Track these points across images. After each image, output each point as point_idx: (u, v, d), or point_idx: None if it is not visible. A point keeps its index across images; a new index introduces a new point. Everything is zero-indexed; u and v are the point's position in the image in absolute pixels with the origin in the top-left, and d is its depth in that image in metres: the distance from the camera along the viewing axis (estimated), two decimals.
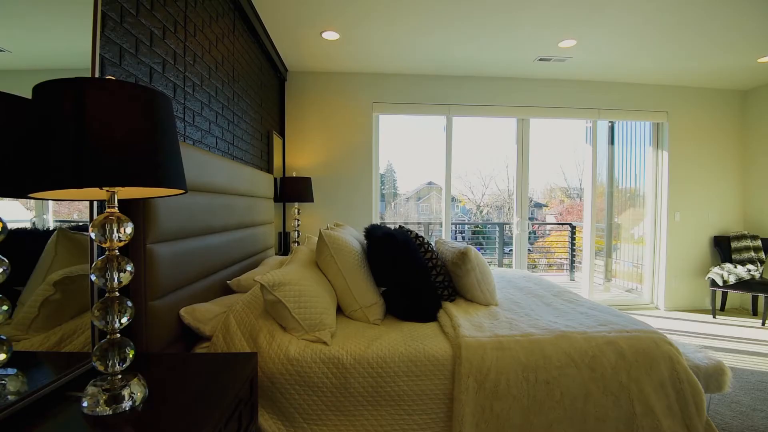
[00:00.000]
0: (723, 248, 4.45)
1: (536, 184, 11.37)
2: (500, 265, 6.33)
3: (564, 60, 3.74)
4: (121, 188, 0.89)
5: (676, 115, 4.53)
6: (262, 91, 3.24)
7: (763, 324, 3.98)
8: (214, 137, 2.20)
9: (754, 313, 4.31)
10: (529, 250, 7.74)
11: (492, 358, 1.41)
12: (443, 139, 4.29)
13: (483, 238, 7.69)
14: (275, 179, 3.51)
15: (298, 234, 3.58)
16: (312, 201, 3.65)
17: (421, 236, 2.02)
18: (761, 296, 4.10)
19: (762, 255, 4.20)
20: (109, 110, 0.79)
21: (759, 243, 4.24)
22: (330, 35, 3.13)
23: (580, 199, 4.72)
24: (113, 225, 0.87)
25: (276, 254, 3.44)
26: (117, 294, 0.89)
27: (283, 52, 3.50)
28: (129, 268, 0.90)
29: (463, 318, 1.66)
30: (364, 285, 1.70)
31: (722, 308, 4.49)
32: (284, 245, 3.77)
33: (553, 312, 1.86)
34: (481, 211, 11.63)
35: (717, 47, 3.42)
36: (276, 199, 3.48)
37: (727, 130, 4.64)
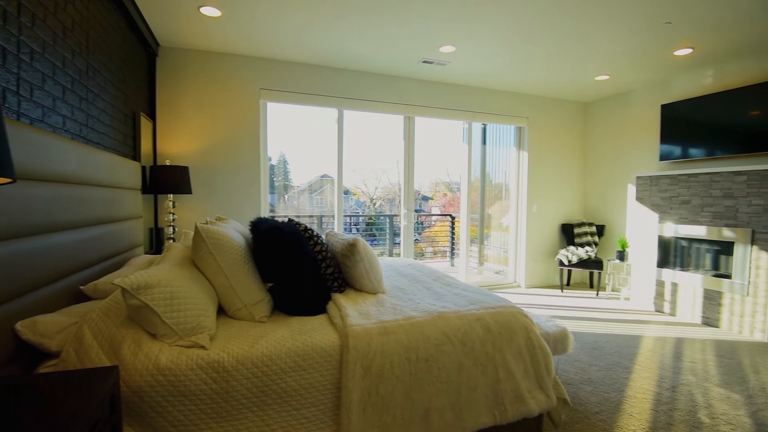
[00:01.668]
0: (568, 234, 5.34)
1: (423, 179, 12.13)
2: (390, 254, 6.63)
3: (445, 64, 4.04)
4: None
5: (534, 120, 5.25)
6: (126, 66, 2.83)
7: (597, 295, 4.89)
8: (60, 116, 1.85)
9: (591, 286, 5.28)
10: (416, 239, 8.25)
11: (377, 343, 1.47)
12: (336, 132, 4.29)
13: (376, 229, 7.94)
14: (144, 168, 3.11)
15: (174, 230, 3.24)
16: (190, 193, 3.33)
17: (311, 229, 2.00)
18: (595, 272, 5.03)
19: (596, 238, 5.15)
20: None
21: (594, 229, 5.18)
22: (210, 11, 2.87)
23: (460, 193, 5.19)
24: None
25: (146, 253, 3.07)
26: None
27: (153, 24, 3.10)
28: None
29: (351, 308, 1.70)
30: (249, 282, 1.62)
31: (568, 283, 5.40)
32: (157, 243, 3.37)
33: (432, 295, 2.01)
34: (374, 204, 11.98)
35: (566, 66, 4.06)
36: (145, 190, 3.10)
37: (573, 136, 5.56)
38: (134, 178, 2.63)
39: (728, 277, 3.62)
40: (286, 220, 2.05)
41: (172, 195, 3.28)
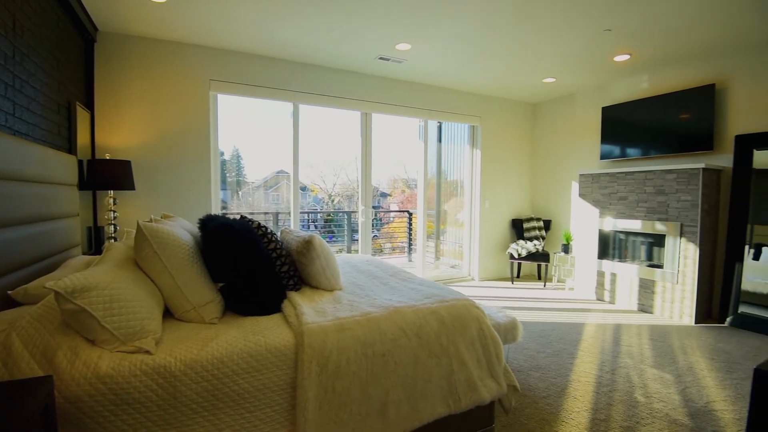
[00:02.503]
0: (518, 228, 5.58)
1: (382, 175, 12.18)
2: (349, 251, 6.61)
3: (401, 62, 4.07)
4: None
5: (486, 119, 5.43)
6: (60, 51, 2.60)
7: (545, 286, 5.16)
8: None
9: (539, 278, 5.56)
10: (375, 236, 8.29)
11: (334, 341, 1.46)
12: (291, 126, 4.20)
13: (335, 226, 7.88)
14: (81, 162, 2.89)
15: (115, 228, 3.04)
16: (133, 189, 3.13)
17: (264, 226, 1.95)
18: (543, 264, 5.30)
19: (544, 233, 5.42)
20: None
21: (542, 224, 5.45)
22: None
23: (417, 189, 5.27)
24: None
25: (84, 254, 2.86)
26: None
27: (91, 8, 2.87)
28: None
29: (307, 306, 1.68)
30: (198, 282, 1.55)
31: (518, 275, 5.65)
32: (96, 243, 3.15)
33: (389, 291, 2.04)
34: (333, 200, 11.88)
35: (515, 68, 4.23)
36: (83, 186, 2.88)
37: (523, 135, 5.80)
38: (69, 172, 2.44)
39: (660, 267, 3.94)
40: (238, 217, 1.99)
41: (112, 191, 3.07)
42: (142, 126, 3.44)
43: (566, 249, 4.99)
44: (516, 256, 5.12)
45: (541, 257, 5.07)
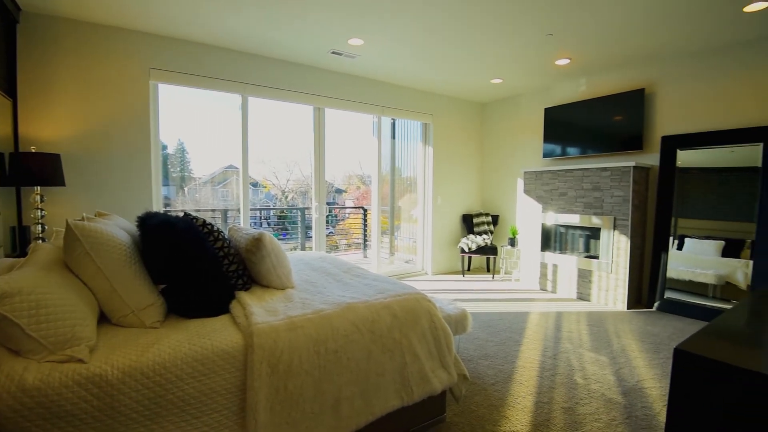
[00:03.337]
0: (468, 223, 5.77)
1: (337, 171, 12.08)
2: (303, 248, 6.51)
3: (354, 57, 4.05)
4: None
5: (438, 117, 5.55)
6: None
7: (493, 278, 5.38)
8: None
9: (488, 270, 5.79)
10: (331, 232, 8.22)
11: (285, 340, 1.44)
12: (240, 119, 4.05)
13: (289, 223, 7.71)
14: (2, 155, 2.62)
15: (43, 228, 2.78)
16: (63, 185, 2.89)
17: (210, 223, 1.87)
18: (491, 257, 5.52)
19: (492, 227, 5.65)
20: None
21: (490, 218, 5.68)
22: None
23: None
24: None
25: (8, 256, 2.60)
26: None
27: None
28: None
29: (257, 305, 1.64)
30: (136, 284, 1.46)
31: (469, 268, 5.85)
32: (21, 244, 2.87)
33: (342, 287, 2.03)
34: (286, 197, 11.61)
35: (465, 68, 4.35)
36: (4, 181, 2.62)
37: (472, 133, 5.99)
38: None
39: (596, 258, 4.25)
40: (181, 214, 1.89)
41: (39, 188, 2.81)
42: (73, 116, 3.17)
43: (512, 242, 5.23)
44: (466, 250, 5.29)
45: (489, 251, 5.28)
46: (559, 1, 2.83)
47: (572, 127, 4.71)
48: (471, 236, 5.41)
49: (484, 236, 5.39)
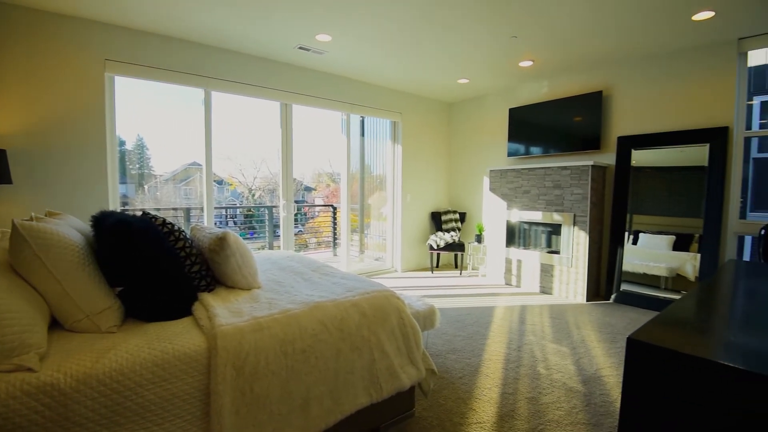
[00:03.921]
0: (436, 221, 5.85)
1: (306, 169, 11.92)
2: (271, 247, 6.38)
3: (322, 53, 4.00)
4: None
5: (407, 116, 5.58)
6: None
7: (461, 274, 5.48)
8: None
9: (456, 267, 5.89)
10: (300, 231, 8.10)
11: (251, 341, 1.41)
12: (203, 115, 3.92)
13: (256, 222, 7.53)
14: None
15: None
16: (9, 182, 2.70)
17: (171, 223, 1.80)
18: (459, 254, 5.63)
19: (460, 224, 5.75)
20: None
21: (458, 216, 5.78)
22: None
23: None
24: None
25: None
26: None
27: None
28: None
29: (221, 307, 1.59)
30: (91, 287, 1.38)
31: (437, 265, 5.94)
32: None
33: (310, 286, 2.01)
34: (254, 195, 11.34)
35: (433, 67, 4.39)
36: None
37: (440, 132, 6.07)
38: None
39: (558, 253, 4.42)
40: (139, 213, 1.81)
41: None
42: (21, 109, 2.95)
43: (479, 239, 5.36)
44: (435, 247, 5.37)
45: (457, 247, 5.38)
46: (522, 4, 2.91)
47: (535, 127, 4.87)
48: (439, 233, 5.49)
49: (452, 233, 5.49)
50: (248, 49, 3.92)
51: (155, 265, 1.49)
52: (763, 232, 3.35)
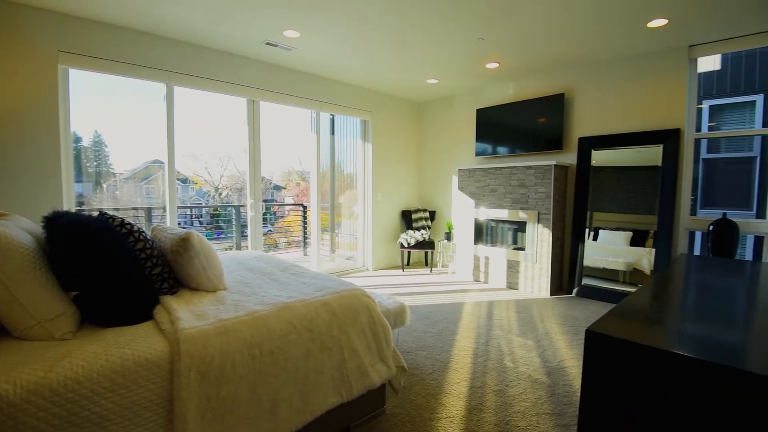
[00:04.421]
0: (407, 219, 5.90)
1: (275, 168, 11.71)
2: (238, 247, 6.23)
3: (290, 49, 3.94)
4: None
5: (377, 115, 5.59)
6: None
7: (431, 271, 5.55)
8: None
9: (426, 264, 5.96)
10: (270, 230, 7.95)
11: (216, 345, 1.38)
12: (165, 110, 3.77)
13: (223, 221, 7.32)
14: None
15: None
16: None
17: (130, 223, 1.73)
18: (429, 252, 5.70)
19: (430, 223, 5.82)
20: None
21: (428, 214, 5.84)
22: None
23: None
24: None
25: None
26: None
27: None
28: None
29: (184, 310, 1.54)
30: (43, 292, 1.31)
31: (408, 263, 5.99)
32: None
33: (279, 287, 1.98)
34: (220, 194, 11.01)
35: (402, 67, 4.41)
36: None
37: (410, 131, 6.11)
38: None
39: (523, 249, 4.55)
40: (96, 213, 1.72)
41: None
42: None
43: (448, 237, 5.45)
44: (405, 245, 5.41)
45: (427, 245, 5.45)
46: (488, 6, 2.98)
47: (502, 127, 4.99)
48: (410, 231, 5.54)
49: (422, 231, 5.55)
50: (213, 43, 3.80)
51: (113, 267, 1.42)
52: (711, 228, 3.60)
